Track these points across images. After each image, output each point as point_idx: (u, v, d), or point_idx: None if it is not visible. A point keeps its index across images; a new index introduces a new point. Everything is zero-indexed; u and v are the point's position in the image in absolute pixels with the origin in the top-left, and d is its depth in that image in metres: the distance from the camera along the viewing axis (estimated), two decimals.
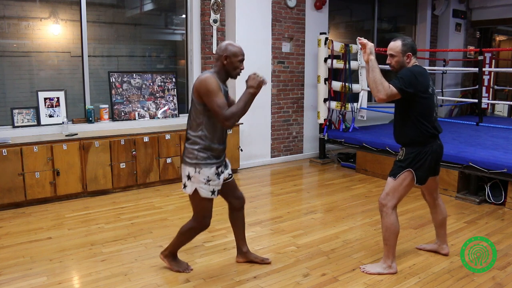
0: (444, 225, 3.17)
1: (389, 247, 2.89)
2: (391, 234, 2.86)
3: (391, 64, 2.84)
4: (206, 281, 2.79)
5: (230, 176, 2.84)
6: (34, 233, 3.58)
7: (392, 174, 2.86)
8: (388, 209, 2.84)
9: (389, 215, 2.84)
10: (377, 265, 2.96)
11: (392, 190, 2.83)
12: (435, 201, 3.12)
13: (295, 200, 4.57)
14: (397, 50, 2.79)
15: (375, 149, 5.46)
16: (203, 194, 2.62)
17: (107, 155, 4.59)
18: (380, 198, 2.89)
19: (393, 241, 2.88)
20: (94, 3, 5.11)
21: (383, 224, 2.88)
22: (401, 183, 2.81)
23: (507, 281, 2.83)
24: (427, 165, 2.81)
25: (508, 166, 4.16)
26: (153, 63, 5.78)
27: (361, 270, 2.96)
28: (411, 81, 2.68)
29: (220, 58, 2.60)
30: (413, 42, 2.83)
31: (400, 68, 2.82)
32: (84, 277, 2.85)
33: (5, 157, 4.04)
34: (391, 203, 2.83)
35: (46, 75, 4.92)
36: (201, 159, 2.59)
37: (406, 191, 2.85)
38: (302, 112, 6.53)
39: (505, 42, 10.72)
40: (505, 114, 9.96)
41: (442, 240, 3.21)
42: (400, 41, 2.80)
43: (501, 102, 9.27)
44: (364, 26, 7.98)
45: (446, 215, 3.15)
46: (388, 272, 2.91)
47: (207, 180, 2.60)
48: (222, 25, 5.75)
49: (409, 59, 2.79)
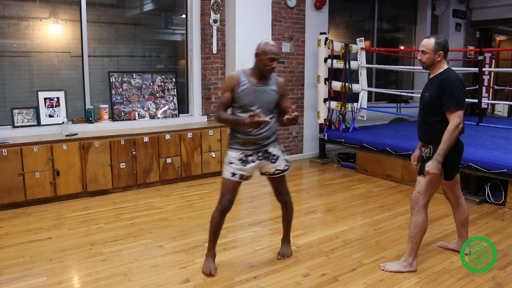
0: (466, 224, 3.19)
1: (414, 245, 2.92)
2: (419, 232, 2.88)
3: (422, 60, 2.86)
4: (206, 281, 2.79)
5: (278, 172, 2.94)
6: (34, 233, 3.58)
7: (421, 172, 2.89)
8: (420, 207, 2.87)
9: (420, 213, 2.87)
10: (398, 262, 2.98)
11: (423, 189, 2.87)
12: (458, 199, 3.13)
13: (295, 200, 4.52)
14: (429, 47, 2.80)
15: (375, 149, 5.46)
16: (223, 174, 2.84)
17: (107, 155, 4.59)
18: (412, 196, 2.93)
19: (419, 239, 2.90)
20: (94, 3, 5.11)
21: (412, 221, 2.90)
22: (430, 181, 2.85)
23: (507, 281, 2.83)
24: (454, 162, 2.85)
25: (508, 166, 4.16)
26: (153, 63, 5.78)
27: (381, 268, 2.98)
28: (463, 93, 2.74)
29: (255, 56, 2.76)
30: (446, 41, 2.83)
31: (430, 66, 2.84)
32: (84, 277, 2.85)
33: (5, 157, 4.04)
34: (423, 202, 2.87)
35: (46, 75, 4.92)
36: (229, 143, 2.88)
37: (436, 188, 2.89)
38: (302, 112, 6.52)
39: (505, 42, 10.71)
40: (505, 114, 9.96)
41: (464, 240, 3.21)
42: (434, 39, 2.81)
43: (501, 102, 9.27)
44: (364, 26, 7.98)
45: (468, 214, 3.17)
46: (408, 270, 2.93)
47: (229, 162, 2.82)
48: (222, 25, 5.75)
49: (440, 57, 2.80)
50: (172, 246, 3.34)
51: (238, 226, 3.78)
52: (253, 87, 2.74)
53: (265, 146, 2.86)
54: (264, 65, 2.71)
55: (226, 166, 2.82)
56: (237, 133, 2.80)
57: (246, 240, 3.46)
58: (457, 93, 2.72)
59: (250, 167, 2.82)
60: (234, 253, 3.21)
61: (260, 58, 2.70)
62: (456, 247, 3.26)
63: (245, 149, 2.80)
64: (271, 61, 2.70)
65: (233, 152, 2.81)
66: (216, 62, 5.79)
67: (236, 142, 2.81)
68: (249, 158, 2.81)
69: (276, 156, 2.91)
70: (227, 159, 2.83)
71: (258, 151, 2.84)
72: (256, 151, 2.83)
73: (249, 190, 4.91)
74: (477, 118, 5.59)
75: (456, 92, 2.72)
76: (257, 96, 2.76)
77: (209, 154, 5.33)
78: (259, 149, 2.84)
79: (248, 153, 2.81)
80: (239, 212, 4.18)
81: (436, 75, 2.86)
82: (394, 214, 4.11)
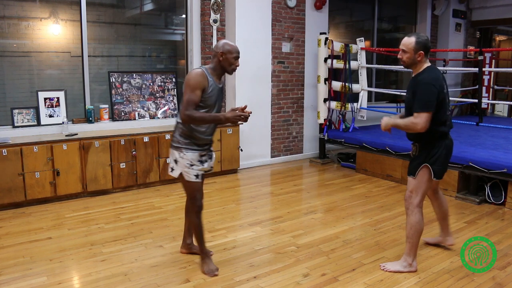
0: (447, 216, 3.20)
1: (412, 245, 2.91)
2: (415, 232, 2.88)
3: (402, 59, 2.81)
4: (206, 281, 2.79)
5: (211, 168, 2.99)
6: (34, 233, 3.58)
7: (410, 172, 2.90)
8: (414, 207, 2.87)
9: (414, 213, 2.87)
10: (398, 263, 2.98)
11: (415, 188, 2.87)
12: (436, 194, 3.15)
13: (295, 200, 4.57)
14: (409, 47, 2.75)
15: (375, 149, 5.46)
16: (187, 178, 2.80)
17: (107, 155, 4.59)
18: (405, 197, 2.93)
19: (416, 239, 2.90)
20: (94, 3, 5.11)
21: (408, 222, 2.90)
22: (421, 180, 2.85)
23: (507, 281, 2.83)
24: (442, 159, 2.83)
25: (508, 166, 4.16)
26: (153, 63, 5.78)
27: (381, 267, 2.98)
28: (433, 95, 2.67)
29: (217, 55, 2.75)
30: (427, 40, 2.77)
31: (410, 65, 2.80)
32: (84, 277, 2.85)
33: (5, 157, 4.04)
34: (416, 201, 2.87)
35: (46, 75, 4.92)
36: (182, 144, 2.77)
37: (428, 186, 2.88)
38: (302, 112, 6.53)
39: (505, 42, 10.71)
40: (505, 114, 9.96)
41: (446, 232, 3.24)
42: (414, 37, 2.75)
43: (501, 102, 9.27)
44: (364, 26, 7.98)
45: (447, 207, 3.19)
46: (408, 270, 2.92)
47: (190, 164, 2.77)
48: (222, 25, 5.75)
49: (420, 57, 2.75)
50: (172, 246, 3.34)
51: (238, 226, 3.78)
52: (217, 86, 2.78)
53: (211, 145, 2.94)
54: (229, 64, 2.75)
55: (187, 170, 2.77)
56: (197, 134, 2.76)
57: (246, 240, 3.46)
58: (425, 95, 2.67)
59: (206, 166, 2.87)
60: (234, 253, 3.21)
61: (226, 57, 2.73)
62: (439, 240, 3.29)
63: (202, 150, 2.82)
64: (236, 60, 2.77)
65: (191, 153, 2.77)
66: None
67: (194, 143, 2.78)
68: (203, 158, 2.84)
69: (213, 154, 2.99)
70: (185, 161, 2.76)
71: (208, 150, 2.89)
72: (207, 151, 2.88)
73: (249, 190, 4.91)
74: (477, 118, 5.59)
75: (424, 94, 2.67)
76: (219, 95, 2.81)
77: None
78: (209, 148, 2.90)
79: (203, 153, 2.84)
80: (239, 212, 4.18)
81: (416, 75, 2.82)
82: (394, 214, 4.11)
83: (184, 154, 2.76)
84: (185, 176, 2.80)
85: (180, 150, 2.77)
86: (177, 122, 2.82)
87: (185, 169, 2.78)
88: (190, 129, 2.75)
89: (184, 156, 2.76)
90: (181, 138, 2.78)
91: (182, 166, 2.78)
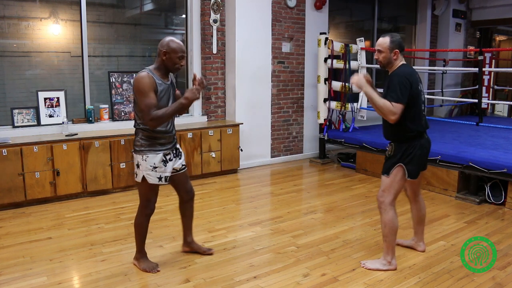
0: (423, 222, 3.22)
1: (388, 244, 2.93)
2: (390, 230, 2.90)
3: (378, 59, 2.90)
4: (206, 281, 2.79)
5: (183, 167, 2.96)
6: (34, 233, 3.58)
7: (384, 171, 2.93)
8: (386, 206, 2.90)
9: (387, 212, 2.89)
10: (377, 261, 3.00)
11: (387, 187, 2.90)
12: (416, 197, 3.17)
13: (295, 200, 4.57)
14: (384, 46, 2.84)
15: (375, 149, 5.46)
16: (151, 181, 2.75)
17: (107, 155, 4.59)
18: (378, 196, 2.96)
19: (392, 237, 2.91)
20: (94, 3, 5.11)
21: (382, 221, 2.93)
22: (393, 179, 2.87)
23: (507, 281, 2.83)
24: (416, 159, 2.86)
25: (508, 166, 4.16)
26: (153, 63, 5.76)
27: (361, 265, 3.00)
28: (406, 87, 2.74)
29: (160, 54, 2.70)
30: (401, 39, 2.87)
31: (387, 64, 2.87)
32: (84, 277, 2.85)
33: (5, 157, 4.04)
34: (388, 200, 2.89)
35: (46, 75, 4.92)
36: (146, 147, 2.73)
37: (401, 185, 2.90)
38: (302, 112, 6.53)
39: (505, 42, 10.71)
40: (505, 114, 9.96)
41: (419, 237, 3.26)
42: (389, 37, 2.84)
43: (501, 102, 9.27)
44: (364, 26, 7.98)
45: (425, 212, 3.20)
46: (387, 269, 2.93)
47: (153, 167, 2.73)
48: (222, 25, 5.75)
49: (396, 56, 2.83)
50: (172, 246, 3.34)
51: (238, 226, 3.78)
52: (165, 85, 2.73)
53: (175, 143, 2.91)
54: (173, 64, 2.69)
55: (149, 172, 2.73)
56: (158, 134, 2.73)
57: (246, 240, 3.46)
58: (398, 87, 2.73)
59: (170, 166, 2.83)
60: (234, 253, 3.21)
61: (170, 56, 2.67)
62: (411, 244, 3.29)
63: (165, 149, 2.79)
64: (181, 59, 2.71)
65: (154, 155, 2.73)
66: (216, 62, 5.79)
67: (157, 144, 2.74)
68: (167, 157, 2.81)
69: (181, 151, 2.96)
70: (147, 164, 2.72)
71: (172, 149, 2.86)
72: (171, 150, 2.85)
73: (249, 190, 4.91)
74: (477, 118, 5.58)
75: (397, 85, 2.74)
76: (169, 93, 2.77)
77: (209, 154, 5.33)
78: (173, 147, 2.87)
79: (167, 153, 2.80)
80: (239, 212, 4.18)
81: (391, 72, 2.89)
82: None
83: (147, 156, 2.72)
84: (147, 179, 2.74)
85: (143, 153, 2.73)
86: (135, 127, 2.78)
87: (148, 172, 2.73)
88: (151, 130, 2.70)
89: (147, 159, 2.72)
90: (142, 141, 2.74)
91: (144, 169, 2.73)
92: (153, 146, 2.73)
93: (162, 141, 2.77)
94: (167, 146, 2.81)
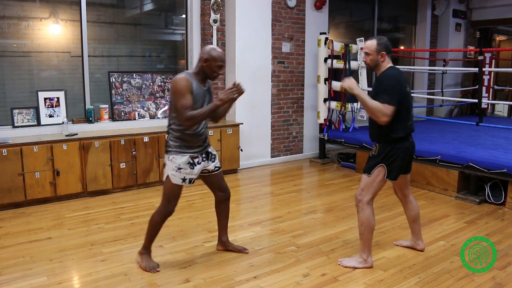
0: (418, 220, 3.23)
1: (365, 241, 2.96)
2: (366, 228, 2.92)
3: (366, 62, 2.93)
4: (206, 281, 2.79)
5: (217, 168, 3.01)
6: (34, 233, 3.58)
7: (366, 170, 2.95)
8: (363, 204, 2.92)
9: (364, 210, 2.92)
10: (353, 258, 3.04)
11: (367, 186, 2.91)
12: (406, 198, 3.18)
13: (295, 200, 4.57)
14: (372, 49, 2.86)
15: None
16: (174, 181, 2.80)
17: (107, 155, 4.59)
18: (356, 194, 2.98)
19: (368, 235, 2.94)
20: (94, 3, 5.11)
21: (359, 219, 2.96)
22: (374, 179, 2.89)
23: (507, 281, 2.83)
24: (399, 162, 2.88)
25: (508, 166, 4.16)
26: (153, 63, 5.78)
27: (338, 262, 3.03)
28: (396, 88, 2.77)
29: (201, 60, 2.75)
30: (388, 42, 2.90)
31: (374, 66, 2.90)
32: (84, 277, 2.85)
33: (5, 157, 4.04)
34: (366, 198, 2.91)
35: (46, 75, 4.92)
36: (173, 147, 2.80)
37: (380, 186, 2.92)
38: (302, 112, 6.53)
39: (505, 42, 10.71)
40: (505, 114, 9.96)
41: (417, 236, 3.27)
42: (376, 40, 2.87)
43: (501, 102, 9.27)
44: (364, 26, 7.98)
45: (418, 211, 3.21)
46: (363, 266, 2.97)
47: (178, 168, 2.78)
48: (222, 25, 5.75)
49: (383, 58, 2.86)
50: (172, 246, 3.34)
51: (238, 226, 3.79)
52: (201, 90, 2.78)
53: (206, 147, 2.94)
54: (212, 71, 2.75)
55: (174, 172, 2.78)
56: (186, 136, 2.77)
57: (246, 240, 3.46)
58: (388, 88, 2.76)
59: (198, 169, 2.86)
60: (234, 253, 3.21)
61: (210, 64, 2.72)
62: (411, 244, 3.30)
63: (192, 152, 2.82)
64: (220, 68, 2.76)
65: (180, 156, 2.78)
66: None
67: (184, 146, 2.79)
68: (195, 161, 2.84)
69: (214, 155, 3.01)
70: (173, 164, 2.77)
71: (201, 153, 2.88)
72: (200, 153, 2.87)
73: (249, 190, 4.91)
74: (477, 118, 5.59)
75: (387, 86, 2.77)
76: (204, 98, 2.80)
77: None
78: (202, 151, 2.90)
79: (195, 156, 2.83)
80: (239, 212, 4.18)
81: (379, 74, 2.91)
82: (394, 214, 4.11)
83: (173, 157, 2.78)
84: (171, 178, 2.79)
85: (169, 154, 2.80)
86: (168, 128, 2.84)
87: (172, 172, 2.78)
88: (181, 132, 2.76)
89: (173, 159, 2.78)
90: (171, 142, 2.80)
91: (170, 169, 2.79)
92: (180, 147, 2.79)
93: (190, 143, 2.80)
94: (195, 149, 2.83)
